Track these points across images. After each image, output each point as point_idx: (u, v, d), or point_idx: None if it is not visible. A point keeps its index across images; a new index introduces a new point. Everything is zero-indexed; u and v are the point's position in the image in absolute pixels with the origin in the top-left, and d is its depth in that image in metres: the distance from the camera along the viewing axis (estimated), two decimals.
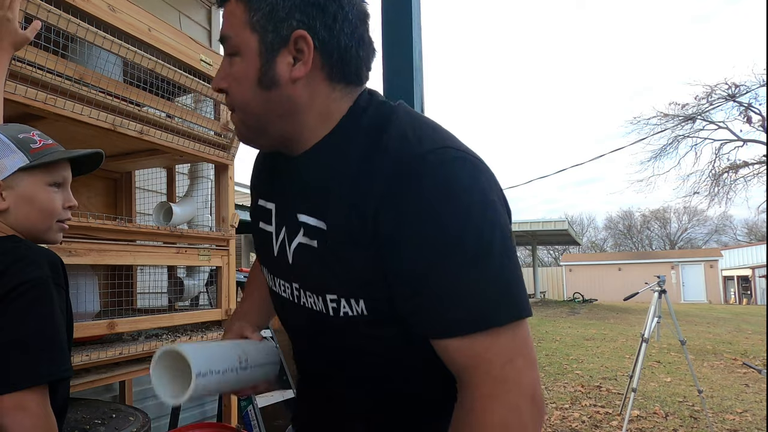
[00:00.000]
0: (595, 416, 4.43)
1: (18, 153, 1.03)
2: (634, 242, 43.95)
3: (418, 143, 0.68)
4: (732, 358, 7.37)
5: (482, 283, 0.64)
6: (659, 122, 19.57)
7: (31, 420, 0.90)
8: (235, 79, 0.74)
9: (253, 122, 0.76)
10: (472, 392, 0.64)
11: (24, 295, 0.93)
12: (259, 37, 0.71)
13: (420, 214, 0.65)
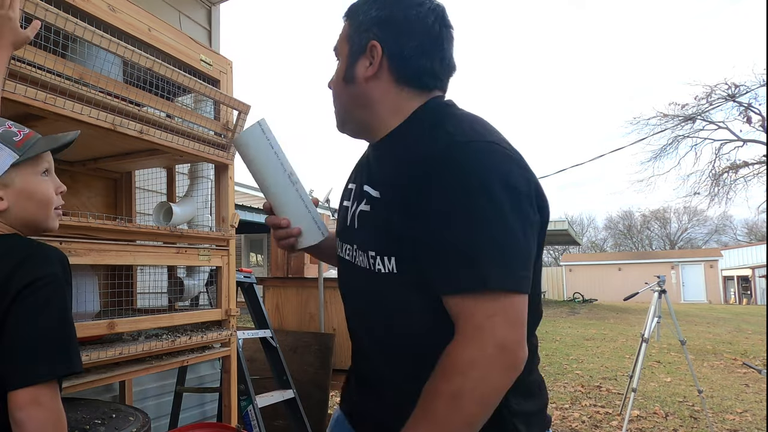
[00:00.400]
0: (595, 416, 4.43)
1: (5, 149, 1.02)
2: (634, 242, 43.95)
3: (460, 134, 0.85)
4: (732, 358, 7.37)
5: (486, 254, 0.76)
6: (659, 122, 19.56)
7: (46, 414, 0.92)
8: (335, 77, 1.01)
9: (341, 111, 1.02)
10: (455, 338, 0.78)
11: (38, 291, 0.94)
12: (349, 46, 0.97)
13: (449, 190, 0.80)
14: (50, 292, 0.96)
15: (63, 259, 1.02)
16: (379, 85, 0.95)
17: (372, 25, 0.94)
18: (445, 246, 0.79)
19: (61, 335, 0.96)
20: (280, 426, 3.17)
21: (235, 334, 2.23)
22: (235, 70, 2.28)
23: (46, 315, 0.95)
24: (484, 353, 0.74)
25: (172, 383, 3.05)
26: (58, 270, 0.99)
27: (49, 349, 0.94)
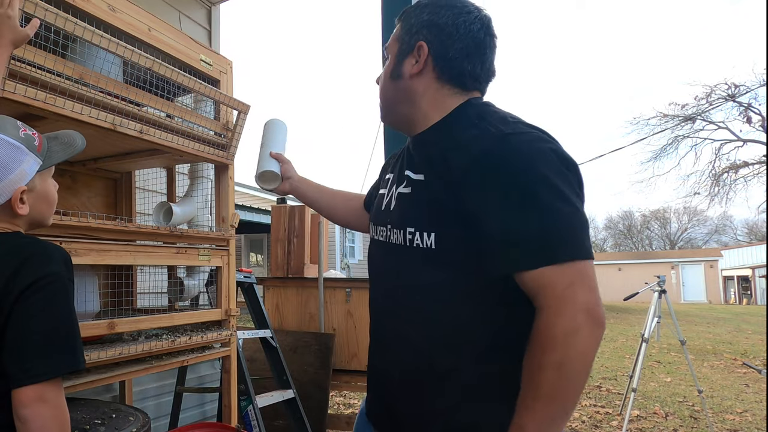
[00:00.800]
0: (595, 416, 4.43)
1: (30, 155, 1.05)
2: (634, 242, 43.95)
3: (508, 127, 0.92)
4: (732, 358, 7.37)
5: (550, 229, 0.83)
6: (659, 122, 19.57)
7: (51, 411, 0.93)
8: (384, 74, 1.11)
9: (386, 104, 1.12)
10: (541, 312, 0.83)
11: (43, 289, 0.95)
12: (399, 45, 1.07)
13: (502, 178, 0.87)
14: (54, 290, 0.97)
15: (66, 257, 1.03)
16: (422, 81, 1.04)
17: (422, 27, 1.03)
18: (516, 228, 0.85)
19: (66, 333, 0.97)
20: (280, 426, 3.17)
21: (235, 334, 2.23)
22: (235, 70, 2.28)
23: (51, 313, 0.96)
24: (576, 320, 0.81)
25: (172, 383, 3.05)
26: (61, 268, 1.00)
27: (54, 346, 0.95)
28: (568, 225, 0.84)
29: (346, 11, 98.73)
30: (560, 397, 0.81)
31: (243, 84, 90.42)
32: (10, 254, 0.97)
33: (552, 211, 0.84)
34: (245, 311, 3.19)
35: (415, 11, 1.06)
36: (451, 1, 1.04)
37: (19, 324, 0.93)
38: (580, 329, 0.81)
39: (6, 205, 1.03)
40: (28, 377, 0.91)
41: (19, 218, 1.06)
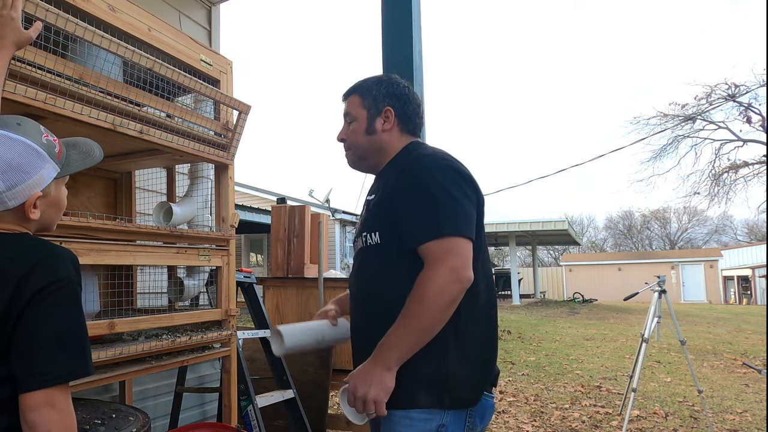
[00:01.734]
0: (595, 416, 4.43)
1: (50, 161, 1.06)
2: (634, 242, 43.94)
3: (423, 152, 1.40)
4: (732, 358, 7.37)
5: (438, 216, 1.23)
6: (659, 122, 19.57)
7: (59, 416, 0.93)
8: (353, 132, 1.47)
9: (360, 153, 1.48)
10: (424, 269, 1.22)
11: (54, 294, 0.95)
12: (367, 110, 1.46)
13: (412, 183, 1.30)
14: (65, 294, 0.97)
15: (75, 260, 1.03)
16: (390, 134, 1.45)
17: (385, 97, 1.45)
18: (416, 215, 1.25)
19: (75, 338, 0.97)
20: (280, 426, 3.17)
21: (235, 334, 2.23)
22: (235, 70, 2.28)
23: (61, 317, 0.96)
24: (440, 273, 1.19)
25: (172, 383, 3.05)
26: (71, 272, 1.00)
27: (63, 351, 0.95)
28: (451, 213, 1.23)
29: (346, 11, 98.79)
30: (416, 321, 1.19)
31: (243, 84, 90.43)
32: (20, 257, 0.97)
33: (440, 204, 1.24)
34: (245, 311, 3.18)
35: (374, 87, 1.46)
36: (394, 80, 1.49)
37: (29, 328, 0.93)
38: (441, 278, 1.18)
39: (19, 208, 1.03)
40: (36, 382, 0.91)
41: (30, 222, 1.06)
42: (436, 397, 1.24)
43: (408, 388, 1.23)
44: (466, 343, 1.28)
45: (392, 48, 2.33)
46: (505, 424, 4.23)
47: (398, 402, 1.24)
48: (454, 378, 1.25)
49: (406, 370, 1.23)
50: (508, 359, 7.18)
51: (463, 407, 1.27)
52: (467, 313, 1.27)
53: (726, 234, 39.91)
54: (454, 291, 1.18)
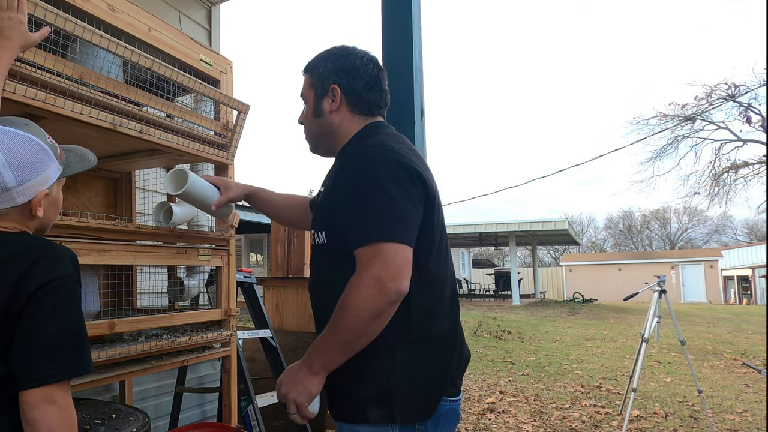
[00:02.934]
0: (595, 416, 4.43)
1: (54, 161, 1.09)
2: (634, 242, 43.94)
3: (365, 146, 1.25)
4: (732, 358, 7.37)
5: (368, 219, 1.13)
6: (659, 122, 19.57)
7: (60, 413, 0.93)
8: (305, 115, 1.38)
9: (312, 138, 1.39)
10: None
11: (54, 291, 0.96)
12: (314, 90, 1.34)
13: (349, 181, 1.20)
14: (64, 292, 0.97)
15: (74, 258, 1.04)
16: (339, 115, 1.32)
17: (331, 73, 1.31)
18: (350, 215, 1.15)
19: (74, 335, 0.98)
20: (280, 426, 3.17)
21: (235, 334, 2.23)
22: (235, 70, 2.28)
23: (61, 315, 0.96)
24: (363, 282, 1.09)
25: (172, 383, 3.05)
26: (70, 270, 1.01)
27: (63, 349, 0.95)
28: (384, 216, 1.11)
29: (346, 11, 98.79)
30: (338, 333, 1.13)
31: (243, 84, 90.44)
32: (20, 255, 0.97)
33: (373, 206, 1.12)
34: (245, 311, 3.18)
35: (320, 63, 1.34)
36: (345, 50, 1.34)
37: (28, 325, 0.93)
38: (364, 289, 1.08)
39: (26, 205, 1.05)
40: (36, 379, 0.92)
41: (33, 220, 1.07)
42: (384, 412, 1.15)
43: (356, 401, 1.18)
44: (418, 354, 1.18)
45: (392, 48, 2.33)
46: (505, 424, 4.23)
47: (346, 415, 1.20)
48: (404, 391, 1.16)
49: (354, 382, 1.18)
50: (508, 359, 7.18)
51: (412, 422, 1.18)
52: (419, 321, 1.18)
53: (726, 234, 39.93)
54: (379, 305, 1.07)
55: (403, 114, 2.24)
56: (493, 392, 5.30)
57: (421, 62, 2.37)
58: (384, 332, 1.13)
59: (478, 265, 30.11)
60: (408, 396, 1.17)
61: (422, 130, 2.29)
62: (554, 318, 13.40)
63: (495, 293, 21.35)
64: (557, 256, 41.52)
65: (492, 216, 55.07)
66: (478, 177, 75.03)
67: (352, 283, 1.10)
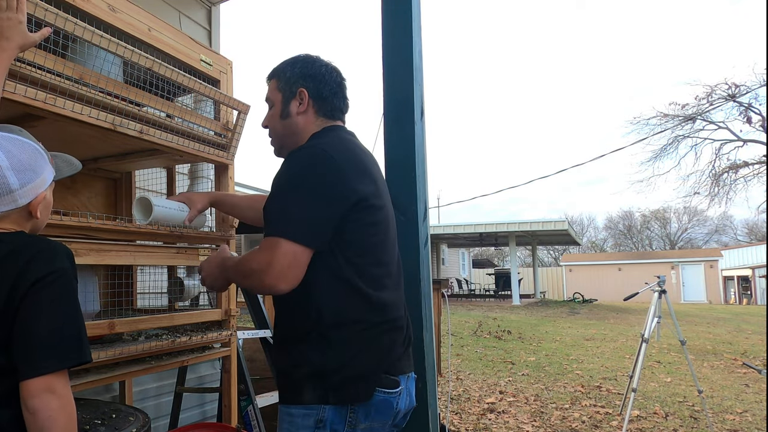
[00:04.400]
0: (595, 416, 4.43)
1: (49, 165, 1.15)
2: (634, 242, 43.93)
3: (304, 146, 1.34)
4: (732, 358, 7.37)
5: (275, 216, 1.25)
6: (659, 122, 19.57)
7: (59, 402, 0.96)
8: (271, 117, 1.44)
9: (278, 139, 1.45)
10: None
11: (52, 284, 0.99)
12: (282, 94, 1.42)
13: (277, 175, 1.30)
14: (61, 285, 1.01)
15: (70, 254, 1.08)
16: (305, 117, 1.40)
17: (299, 78, 1.40)
18: (266, 212, 1.27)
19: (72, 326, 1.01)
20: None
21: (235, 334, 2.23)
22: (235, 70, 2.28)
23: (58, 307, 0.99)
24: (251, 265, 1.25)
25: (172, 383, 3.05)
26: (67, 264, 1.04)
27: (62, 339, 0.98)
28: (286, 213, 1.22)
29: (346, 11, 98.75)
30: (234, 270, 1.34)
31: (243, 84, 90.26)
32: (18, 252, 1.01)
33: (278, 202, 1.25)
34: (245, 311, 3.18)
35: (287, 68, 1.42)
36: (311, 59, 1.43)
37: (27, 318, 0.96)
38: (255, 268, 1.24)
39: (25, 207, 1.09)
40: (36, 369, 0.94)
41: (29, 222, 1.12)
42: (317, 393, 1.23)
43: (291, 384, 1.27)
44: (346, 341, 1.25)
45: (392, 48, 2.32)
46: (505, 424, 4.23)
47: (283, 397, 1.30)
48: (337, 373, 1.23)
49: (292, 366, 1.27)
50: (508, 359, 7.18)
51: (345, 403, 1.24)
52: (350, 307, 1.26)
53: (726, 234, 39.92)
54: (249, 283, 1.29)
55: (403, 114, 2.24)
56: (493, 392, 5.30)
57: (421, 62, 2.37)
58: (317, 317, 1.25)
59: (478, 265, 30.12)
60: (341, 378, 1.24)
61: (422, 130, 2.29)
62: (554, 318, 13.39)
63: (495, 293, 21.34)
64: (557, 256, 41.52)
65: (493, 216, 55.12)
66: (479, 177, 75.08)
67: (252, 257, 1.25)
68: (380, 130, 2.31)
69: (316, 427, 1.23)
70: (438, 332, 5.42)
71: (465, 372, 6.30)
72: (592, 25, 72.45)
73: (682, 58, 63.64)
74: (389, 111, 2.29)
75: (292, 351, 1.29)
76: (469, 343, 8.57)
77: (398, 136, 2.23)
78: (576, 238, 22.93)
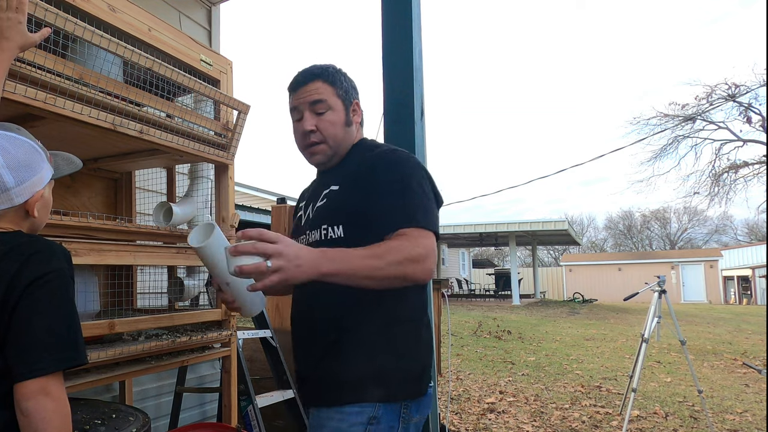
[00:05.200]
0: (595, 416, 4.43)
1: (47, 164, 1.13)
2: (634, 242, 43.93)
3: (389, 147, 1.40)
4: (732, 358, 7.37)
5: (417, 208, 1.24)
6: (659, 122, 19.58)
7: (53, 404, 0.95)
8: (331, 122, 1.36)
9: (336, 146, 1.38)
10: (402, 239, 1.20)
11: (48, 284, 0.98)
12: (342, 101, 1.38)
13: (387, 171, 1.29)
14: (57, 286, 1.00)
15: (67, 255, 1.06)
16: (358, 128, 1.44)
17: (351, 88, 1.42)
18: (395, 205, 1.23)
19: (68, 328, 1.00)
20: (280, 426, 3.17)
21: (235, 334, 2.23)
22: (235, 70, 2.28)
23: (54, 308, 0.98)
24: (417, 251, 1.17)
25: (172, 383, 3.05)
26: (64, 265, 1.03)
27: (57, 341, 0.97)
28: (424, 207, 1.25)
29: (346, 11, 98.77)
30: (380, 259, 1.15)
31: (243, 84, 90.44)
32: (14, 251, 1.00)
33: (416, 196, 1.25)
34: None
35: (338, 76, 1.40)
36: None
37: (23, 319, 0.95)
38: (421, 254, 1.18)
39: (22, 206, 1.08)
40: (30, 371, 0.93)
41: (27, 221, 1.10)
42: (379, 391, 1.23)
43: (346, 383, 1.24)
44: (411, 334, 1.30)
45: (392, 48, 2.33)
46: (505, 424, 4.23)
47: (331, 398, 1.25)
48: (398, 370, 1.25)
49: (349, 366, 1.24)
50: (508, 359, 7.18)
51: (405, 399, 1.25)
52: (406, 305, 1.30)
53: (726, 234, 39.92)
54: (411, 270, 1.16)
55: (403, 114, 2.24)
56: (493, 392, 5.30)
57: (421, 62, 2.37)
58: (381, 315, 1.25)
59: (478, 265, 30.12)
60: (404, 375, 1.26)
61: (422, 130, 2.29)
62: (554, 318, 13.39)
63: (495, 293, 21.34)
64: (557, 256, 41.52)
65: (493, 216, 55.11)
66: (479, 177, 75.07)
67: (413, 243, 1.17)
68: (380, 130, 2.31)
69: (369, 423, 1.22)
70: (438, 332, 5.41)
71: (465, 372, 6.30)
72: (592, 26, 72.48)
73: (682, 59, 63.68)
74: (389, 111, 2.30)
75: (352, 350, 1.25)
76: (469, 343, 8.57)
77: (398, 136, 2.23)
78: (576, 238, 22.93)
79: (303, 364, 1.35)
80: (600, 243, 46.10)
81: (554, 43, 74.45)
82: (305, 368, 1.34)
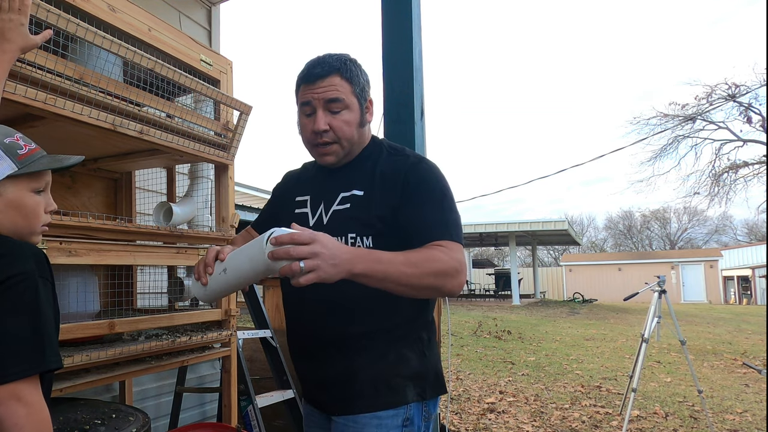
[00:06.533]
0: (595, 416, 4.43)
1: (6, 159, 1.04)
2: (634, 242, 43.93)
3: (415, 156, 1.36)
4: (732, 358, 7.37)
5: (449, 222, 1.24)
6: (659, 122, 19.58)
7: (26, 409, 0.92)
8: (346, 122, 1.28)
9: (350, 146, 1.31)
10: (439, 249, 1.19)
11: (12, 288, 0.94)
12: (357, 100, 1.30)
13: (422, 184, 1.27)
14: (23, 289, 0.96)
15: (38, 254, 1.02)
16: (369, 127, 1.36)
17: (366, 84, 1.33)
18: (434, 220, 1.23)
19: (36, 332, 0.96)
20: (280, 426, 3.17)
21: (235, 334, 2.23)
22: (235, 70, 2.28)
23: (19, 312, 0.95)
24: (452, 264, 1.18)
25: (172, 383, 3.05)
26: (31, 266, 0.99)
27: (25, 345, 0.94)
28: (456, 221, 1.26)
29: (346, 10, 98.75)
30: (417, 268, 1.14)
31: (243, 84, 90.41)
32: None
33: (448, 210, 1.26)
34: (245, 311, 3.19)
35: (357, 70, 1.31)
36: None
37: None
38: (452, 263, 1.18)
39: None
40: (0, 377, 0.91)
41: None
42: (415, 392, 1.27)
43: (383, 388, 1.25)
44: (430, 339, 1.35)
45: (392, 48, 2.33)
46: (505, 424, 4.23)
47: (365, 405, 1.24)
48: (429, 370, 1.31)
49: (384, 369, 1.25)
50: (508, 359, 7.18)
51: (433, 397, 1.31)
52: (428, 308, 1.35)
53: (726, 234, 39.92)
54: (441, 283, 1.17)
55: (403, 114, 2.25)
56: (493, 392, 5.30)
57: (421, 62, 2.37)
58: (411, 318, 1.29)
59: (478, 265, 30.11)
60: (435, 374, 1.32)
61: (422, 130, 2.29)
62: (554, 318, 13.39)
63: (495, 293, 21.34)
64: (557, 256, 41.52)
65: (493, 216, 55.11)
66: (479, 177, 75.06)
67: (448, 256, 1.18)
68: (380, 130, 2.31)
69: (403, 425, 1.24)
70: (438, 332, 5.42)
71: (465, 372, 6.30)
72: (593, 26, 72.45)
73: (682, 59, 63.65)
74: (389, 111, 2.30)
75: (384, 354, 1.25)
76: (469, 343, 8.57)
77: (398, 136, 2.23)
78: (576, 238, 22.93)
79: (320, 371, 1.30)
80: (600, 243, 46.10)
81: (555, 43, 74.47)
82: (322, 375, 1.30)
